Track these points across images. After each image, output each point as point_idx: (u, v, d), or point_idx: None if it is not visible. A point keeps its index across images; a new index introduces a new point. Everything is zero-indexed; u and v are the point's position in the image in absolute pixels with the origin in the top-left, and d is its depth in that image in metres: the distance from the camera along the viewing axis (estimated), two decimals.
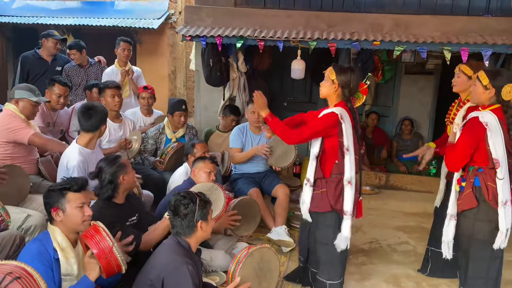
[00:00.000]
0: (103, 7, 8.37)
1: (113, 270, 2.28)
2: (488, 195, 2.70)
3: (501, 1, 4.84)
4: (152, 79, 7.41)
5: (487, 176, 2.72)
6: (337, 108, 2.82)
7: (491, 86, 2.71)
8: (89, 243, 2.26)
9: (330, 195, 2.81)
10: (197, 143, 3.96)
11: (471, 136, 2.72)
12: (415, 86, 6.17)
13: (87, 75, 5.29)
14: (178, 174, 3.86)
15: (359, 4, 5.07)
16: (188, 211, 2.44)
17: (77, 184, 2.34)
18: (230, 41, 4.60)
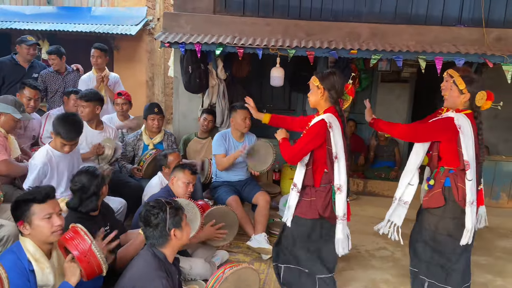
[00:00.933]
0: (79, 13, 8.25)
1: (94, 271, 2.21)
2: (458, 195, 2.82)
3: (472, 12, 5.00)
4: (130, 86, 7.33)
5: (458, 177, 2.83)
6: (326, 114, 2.85)
7: (467, 91, 2.79)
8: (69, 245, 2.19)
9: (319, 204, 2.84)
10: (169, 153, 3.91)
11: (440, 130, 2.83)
12: (391, 94, 6.29)
13: (64, 83, 5.18)
14: (153, 184, 3.80)
15: (337, 13, 5.16)
16: (159, 220, 2.37)
17: (41, 195, 2.22)
18: (209, 48, 4.60)
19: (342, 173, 2.79)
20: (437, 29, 4.85)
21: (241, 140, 4.32)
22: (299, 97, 6.48)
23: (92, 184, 2.76)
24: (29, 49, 5.05)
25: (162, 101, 8.94)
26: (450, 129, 2.80)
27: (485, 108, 2.88)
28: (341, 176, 2.79)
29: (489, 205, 5.27)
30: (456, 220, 2.87)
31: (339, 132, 2.82)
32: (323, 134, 2.81)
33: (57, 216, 2.25)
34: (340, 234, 2.83)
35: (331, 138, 2.79)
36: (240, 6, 5.26)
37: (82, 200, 2.75)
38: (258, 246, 3.79)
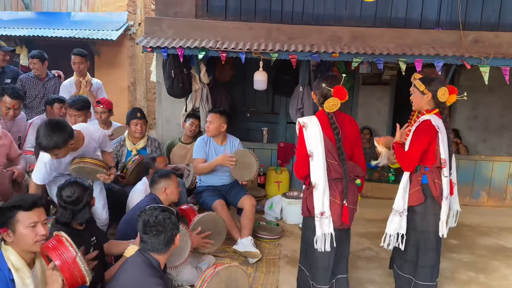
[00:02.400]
0: (58, 18, 8.12)
1: (77, 282, 2.17)
2: (436, 191, 2.94)
3: (450, 15, 5.11)
4: (111, 91, 7.24)
5: (434, 174, 2.95)
6: (305, 117, 2.94)
7: (427, 91, 2.96)
8: (51, 254, 2.15)
9: (309, 202, 2.88)
10: (157, 156, 3.89)
11: (424, 138, 2.92)
12: (372, 96, 6.39)
13: (45, 89, 5.09)
14: (137, 190, 3.75)
15: (318, 17, 5.21)
16: (172, 225, 2.40)
17: (27, 202, 2.17)
18: (192, 52, 4.59)
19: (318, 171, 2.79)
20: (417, 32, 4.94)
21: (223, 143, 4.31)
22: (282, 100, 6.51)
23: (84, 194, 2.71)
24: (4, 56, 4.95)
25: (144, 106, 8.87)
26: (431, 133, 2.92)
27: (450, 102, 3.05)
28: (316, 174, 2.79)
29: (469, 204, 5.43)
30: (437, 216, 2.98)
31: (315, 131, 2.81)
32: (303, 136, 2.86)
33: (42, 225, 2.20)
34: (318, 231, 2.84)
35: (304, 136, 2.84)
36: (222, 10, 5.26)
37: (75, 213, 2.68)
38: (245, 250, 3.79)
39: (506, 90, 5.83)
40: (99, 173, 3.24)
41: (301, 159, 2.88)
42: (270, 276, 3.58)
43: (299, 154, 2.90)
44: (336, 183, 2.86)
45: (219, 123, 4.21)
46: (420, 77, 3.04)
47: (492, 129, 6.54)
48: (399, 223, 3.01)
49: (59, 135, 2.92)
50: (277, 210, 4.83)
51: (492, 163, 5.39)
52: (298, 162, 2.92)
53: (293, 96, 5.32)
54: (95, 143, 3.40)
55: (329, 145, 2.84)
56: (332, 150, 2.85)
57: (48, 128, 2.93)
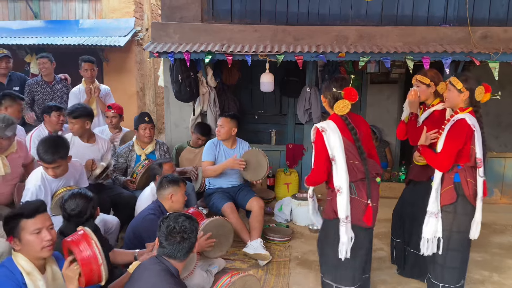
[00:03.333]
0: (67, 26, 8.20)
1: (93, 279, 2.18)
2: (469, 190, 2.87)
3: (457, 11, 5.06)
4: (120, 97, 7.31)
5: (467, 173, 2.89)
6: (322, 122, 2.87)
7: (465, 89, 2.89)
8: (74, 248, 2.16)
9: (334, 204, 2.83)
10: (164, 162, 3.88)
11: (460, 137, 2.86)
12: (381, 95, 6.34)
13: (53, 92, 5.16)
14: (145, 196, 3.76)
15: (324, 17, 5.19)
16: (195, 234, 2.41)
17: (29, 209, 2.18)
18: (198, 56, 4.61)
19: (341, 174, 2.75)
20: (424, 29, 4.90)
21: (233, 147, 4.32)
22: (290, 101, 6.50)
23: (88, 207, 2.74)
24: (7, 63, 5.02)
25: (153, 111, 8.92)
26: (466, 132, 2.85)
27: (484, 100, 3.00)
28: (340, 178, 2.76)
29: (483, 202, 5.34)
30: (468, 216, 2.92)
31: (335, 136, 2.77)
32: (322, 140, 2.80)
33: (47, 230, 2.21)
34: (344, 236, 2.78)
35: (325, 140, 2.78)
36: (228, 13, 5.28)
37: (78, 224, 2.65)
38: (255, 252, 3.78)
39: None
40: None
41: (320, 165, 2.82)
42: (281, 278, 3.57)
43: (319, 160, 2.82)
44: (362, 183, 2.85)
45: (230, 127, 4.22)
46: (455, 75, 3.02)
47: (504, 125, 6.44)
48: (435, 226, 2.94)
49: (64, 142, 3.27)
50: (287, 212, 4.82)
51: (505, 159, 5.32)
52: (318, 168, 2.84)
53: (301, 97, 5.32)
54: (77, 174, 3.55)
55: (349, 147, 2.82)
56: (353, 151, 2.83)
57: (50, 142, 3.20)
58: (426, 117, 3.37)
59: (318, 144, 2.82)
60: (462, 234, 2.95)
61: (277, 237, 4.27)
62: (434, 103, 3.37)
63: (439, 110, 3.31)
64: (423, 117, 3.39)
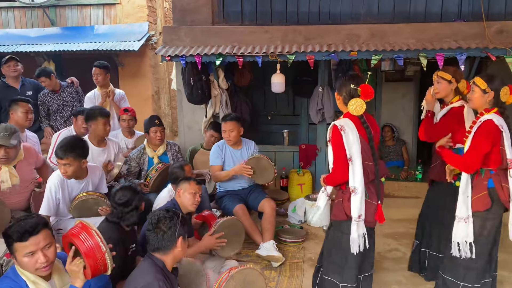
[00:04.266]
0: (83, 32, 8.35)
1: (99, 269, 2.18)
2: (505, 195, 2.80)
3: (472, 6, 4.96)
4: (136, 101, 7.40)
5: (500, 177, 2.82)
6: (339, 120, 2.79)
7: (490, 89, 2.83)
8: (76, 239, 2.16)
9: (346, 205, 2.77)
10: (185, 164, 3.92)
11: (487, 138, 2.79)
12: (396, 93, 6.25)
13: (62, 99, 5.25)
14: (162, 197, 3.80)
15: (335, 16, 5.15)
16: (172, 224, 2.41)
17: (18, 234, 2.05)
18: (210, 59, 4.63)
19: (358, 175, 2.70)
20: (437, 25, 4.80)
21: (239, 147, 4.32)
22: (303, 102, 6.47)
23: (134, 199, 2.91)
24: (9, 67, 5.12)
25: (168, 114, 9.00)
26: (494, 133, 2.78)
27: (510, 102, 2.90)
28: (356, 178, 2.70)
29: None
30: (498, 220, 2.87)
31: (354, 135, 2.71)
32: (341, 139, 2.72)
33: (42, 252, 2.09)
34: (354, 233, 2.76)
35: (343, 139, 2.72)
36: (239, 15, 5.29)
37: (123, 214, 2.87)
38: (267, 254, 3.78)
39: None
40: (101, 205, 3.42)
41: (340, 164, 2.75)
42: (294, 279, 3.56)
43: (339, 159, 2.75)
44: (372, 184, 2.81)
45: (238, 129, 4.24)
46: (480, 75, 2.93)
47: None
48: (466, 231, 2.87)
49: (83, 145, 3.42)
50: (301, 213, 4.79)
51: None
52: (338, 167, 2.76)
53: (313, 97, 5.29)
54: (96, 179, 3.63)
55: (365, 146, 2.76)
56: (368, 151, 2.77)
57: (69, 140, 3.37)
58: (444, 114, 3.34)
59: (336, 142, 2.74)
60: (491, 236, 2.90)
61: (291, 239, 4.26)
62: (453, 101, 3.32)
63: (457, 107, 3.28)
64: (441, 114, 3.36)
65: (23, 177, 3.61)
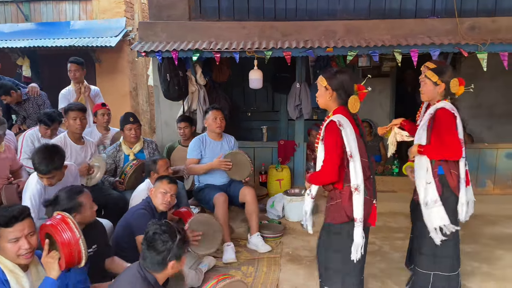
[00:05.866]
0: (58, 28, 8.18)
1: (74, 261, 2.20)
2: (454, 181, 2.88)
3: (445, 3, 5.05)
4: (114, 98, 7.31)
5: (450, 165, 2.89)
6: (335, 115, 2.64)
7: (441, 82, 2.91)
8: (54, 229, 2.17)
9: (346, 206, 2.62)
10: (159, 159, 3.88)
11: (450, 123, 2.84)
12: (373, 89, 6.27)
13: (25, 110, 5.11)
14: (140, 189, 3.76)
15: (312, 12, 5.18)
16: (165, 248, 2.26)
17: (5, 218, 2.12)
18: (186, 54, 4.60)
19: (359, 172, 2.59)
20: (411, 22, 4.88)
21: (220, 139, 4.32)
22: (283, 98, 6.49)
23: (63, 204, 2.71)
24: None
25: (147, 110, 8.91)
26: (453, 118, 2.84)
27: (459, 93, 2.99)
28: (358, 176, 2.59)
29: (475, 193, 5.24)
30: (453, 206, 2.92)
31: (351, 130, 2.62)
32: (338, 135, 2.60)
33: (26, 239, 2.16)
34: (359, 238, 2.62)
35: (343, 136, 2.59)
36: (215, 11, 5.27)
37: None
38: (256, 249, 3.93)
39: (509, 75, 5.73)
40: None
41: (333, 162, 2.58)
42: (271, 274, 3.57)
43: (332, 156, 2.58)
44: (369, 181, 2.71)
45: (224, 118, 4.28)
46: (432, 67, 2.97)
47: (497, 115, 6.45)
48: (439, 214, 2.87)
49: (59, 150, 3.22)
50: (279, 208, 4.82)
51: (496, 150, 5.31)
52: (331, 166, 2.58)
53: (291, 93, 5.31)
54: (72, 178, 3.53)
55: (360, 143, 2.67)
56: (362, 148, 2.68)
57: (46, 152, 3.14)
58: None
59: (334, 139, 2.59)
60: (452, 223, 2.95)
61: (269, 234, 4.28)
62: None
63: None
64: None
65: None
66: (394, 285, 3.45)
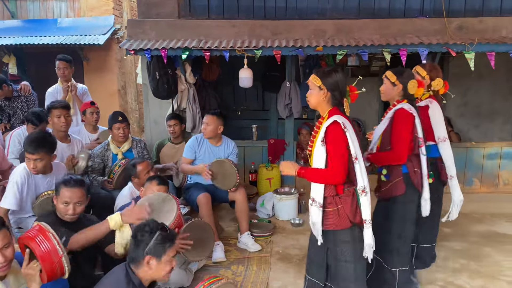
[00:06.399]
0: (45, 25, 8.08)
1: (56, 273, 2.11)
2: (417, 179, 2.99)
3: (433, 3, 5.09)
4: (102, 96, 7.23)
5: (413, 163, 2.99)
6: (336, 116, 2.53)
7: (399, 82, 3.03)
8: (31, 242, 2.09)
9: (348, 211, 2.53)
10: (138, 163, 3.79)
11: (407, 125, 2.95)
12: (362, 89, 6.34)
13: (13, 107, 5.01)
14: (124, 194, 3.73)
15: (302, 11, 5.18)
16: (143, 239, 2.21)
17: None
18: (175, 53, 4.57)
19: (364, 173, 2.53)
20: (400, 21, 4.91)
21: (218, 144, 4.29)
22: (273, 97, 6.49)
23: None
24: None
25: (135, 109, 8.85)
26: (411, 119, 2.95)
27: (418, 95, 3.18)
28: (364, 177, 2.52)
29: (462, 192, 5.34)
30: (415, 203, 3.04)
31: (353, 132, 2.56)
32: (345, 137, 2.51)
33: (1, 252, 2.03)
34: (369, 239, 2.55)
35: (348, 138, 2.51)
36: (205, 9, 5.24)
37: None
38: (245, 247, 3.93)
39: (495, 75, 5.81)
40: None
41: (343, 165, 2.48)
42: (261, 273, 3.57)
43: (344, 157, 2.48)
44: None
45: (216, 125, 4.20)
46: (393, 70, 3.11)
47: (483, 114, 6.53)
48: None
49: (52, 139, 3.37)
50: (269, 207, 4.82)
51: (483, 149, 5.36)
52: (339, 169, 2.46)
53: (281, 92, 5.30)
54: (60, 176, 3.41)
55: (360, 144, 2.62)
56: (361, 150, 2.62)
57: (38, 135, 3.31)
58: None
59: (338, 139, 2.48)
60: (409, 221, 3.04)
61: (259, 233, 4.27)
62: (423, 98, 3.45)
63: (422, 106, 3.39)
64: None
65: None
66: None
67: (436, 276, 3.48)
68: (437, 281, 3.41)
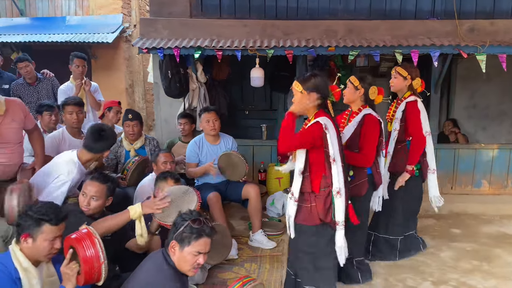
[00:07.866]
0: (54, 23, 8.12)
1: (93, 278, 2.16)
2: (380, 179, 3.26)
3: (445, 5, 5.11)
4: (110, 94, 7.24)
5: (376, 165, 3.29)
6: (320, 118, 2.67)
7: (361, 87, 3.24)
8: (77, 245, 2.15)
9: (320, 209, 2.69)
10: (161, 152, 3.87)
11: (375, 131, 3.19)
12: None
13: (37, 92, 5.07)
14: (146, 181, 3.76)
15: (313, 11, 5.20)
16: (183, 220, 2.29)
17: (58, 218, 2.21)
18: (188, 52, 4.59)
19: (340, 176, 2.65)
20: (412, 23, 4.93)
21: (217, 142, 4.29)
22: (280, 96, 6.51)
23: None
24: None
25: (143, 107, 8.88)
26: (378, 124, 3.19)
27: (378, 102, 3.35)
28: (340, 179, 2.64)
29: (471, 193, 5.43)
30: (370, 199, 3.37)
31: (334, 134, 2.67)
32: (319, 136, 2.65)
33: (59, 239, 2.23)
34: (341, 241, 2.69)
35: (328, 140, 2.63)
36: (217, 8, 5.26)
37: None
38: (259, 246, 3.93)
39: (504, 77, 5.82)
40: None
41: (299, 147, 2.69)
42: (274, 272, 3.58)
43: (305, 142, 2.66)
44: (346, 183, 2.77)
45: (219, 120, 4.23)
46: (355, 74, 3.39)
47: (491, 116, 6.53)
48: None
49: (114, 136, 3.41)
50: (279, 206, 4.83)
51: (492, 151, 5.38)
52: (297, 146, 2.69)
53: (291, 92, 5.30)
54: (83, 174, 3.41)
55: (340, 146, 2.72)
56: (341, 152, 2.73)
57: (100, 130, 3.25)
58: (402, 109, 3.65)
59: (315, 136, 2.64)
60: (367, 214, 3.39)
61: (270, 232, 4.28)
62: (405, 96, 3.68)
63: (411, 101, 3.62)
64: (400, 109, 3.67)
65: (6, 135, 3.25)
66: None
67: (449, 276, 3.50)
68: (450, 281, 3.43)
